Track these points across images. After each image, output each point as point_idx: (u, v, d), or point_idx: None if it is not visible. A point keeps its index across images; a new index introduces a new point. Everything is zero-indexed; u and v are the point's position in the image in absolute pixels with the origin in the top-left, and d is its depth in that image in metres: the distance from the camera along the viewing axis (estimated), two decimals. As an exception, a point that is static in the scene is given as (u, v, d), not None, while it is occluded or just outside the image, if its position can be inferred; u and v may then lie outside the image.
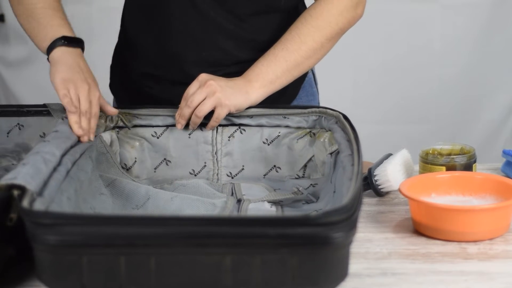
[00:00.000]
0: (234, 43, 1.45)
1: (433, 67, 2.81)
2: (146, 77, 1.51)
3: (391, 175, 1.30)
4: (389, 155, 1.35)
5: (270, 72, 1.38)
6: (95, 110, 1.29)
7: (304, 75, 1.58)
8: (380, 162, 1.34)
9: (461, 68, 2.81)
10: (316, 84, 1.64)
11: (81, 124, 1.26)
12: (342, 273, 0.97)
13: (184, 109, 1.34)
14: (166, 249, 0.92)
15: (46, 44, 1.37)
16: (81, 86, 1.29)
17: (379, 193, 1.32)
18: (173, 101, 1.39)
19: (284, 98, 1.51)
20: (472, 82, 2.84)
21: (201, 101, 1.33)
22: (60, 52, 1.36)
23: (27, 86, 2.88)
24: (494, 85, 2.86)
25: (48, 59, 1.36)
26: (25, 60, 2.86)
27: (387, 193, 1.34)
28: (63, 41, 1.37)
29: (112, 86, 1.64)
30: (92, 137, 1.28)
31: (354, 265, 1.04)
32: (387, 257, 1.11)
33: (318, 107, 1.37)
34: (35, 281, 0.99)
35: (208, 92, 1.32)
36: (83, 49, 1.44)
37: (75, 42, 1.41)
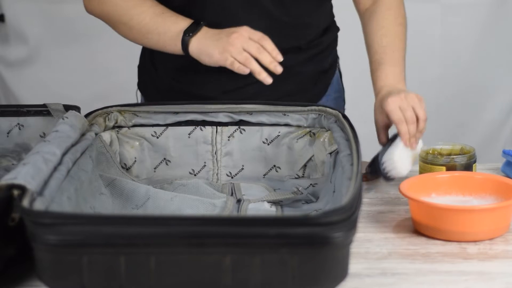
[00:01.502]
0: (279, 32, 1.45)
1: (433, 67, 2.81)
2: (180, 71, 1.51)
3: (399, 161, 1.29)
4: (395, 136, 1.34)
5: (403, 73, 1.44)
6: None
7: (333, 72, 1.62)
8: (388, 146, 1.33)
9: (461, 68, 2.81)
10: (342, 80, 1.65)
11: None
12: (342, 273, 0.97)
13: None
14: (166, 249, 0.92)
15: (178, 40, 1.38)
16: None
17: (387, 179, 1.32)
18: (205, 96, 1.46)
19: (315, 92, 1.56)
20: (472, 82, 2.84)
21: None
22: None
23: (27, 86, 2.88)
24: (494, 85, 2.85)
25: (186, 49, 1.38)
26: (25, 60, 2.86)
27: (394, 179, 1.33)
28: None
29: (141, 85, 1.65)
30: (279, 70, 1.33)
31: (354, 265, 1.04)
32: (387, 257, 1.11)
33: (318, 105, 1.37)
34: (35, 281, 0.99)
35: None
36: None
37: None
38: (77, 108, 1.35)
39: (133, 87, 2.11)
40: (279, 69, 1.33)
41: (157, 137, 1.39)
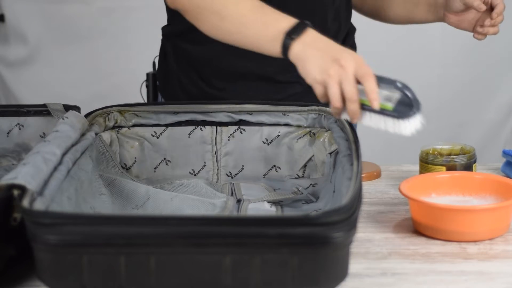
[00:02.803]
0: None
1: (433, 67, 2.81)
2: (216, 78, 1.50)
3: None
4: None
5: None
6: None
7: None
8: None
9: (461, 68, 2.81)
10: None
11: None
12: (342, 273, 0.97)
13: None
14: (166, 249, 0.92)
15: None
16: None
17: None
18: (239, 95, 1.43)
19: None
20: (472, 82, 2.84)
21: None
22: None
23: (27, 86, 2.88)
24: (494, 85, 2.85)
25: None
26: (25, 60, 2.86)
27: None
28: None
29: (165, 91, 1.62)
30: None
31: (354, 265, 1.04)
32: (387, 257, 1.11)
33: (318, 105, 1.37)
34: (35, 281, 0.99)
35: None
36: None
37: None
38: (77, 108, 1.35)
39: (133, 87, 2.10)
40: (358, 120, 1.17)
41: (157, 137, 1.39)
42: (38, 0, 2.78)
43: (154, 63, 1.88)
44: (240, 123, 1.39)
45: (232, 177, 1.40)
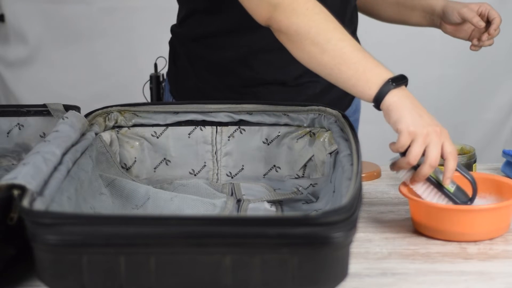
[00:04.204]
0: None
1: (433, 67, 2.81)
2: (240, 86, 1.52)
3: None
4: None
5: None
6: None
7: None
8: None
9: (461, 68, 2.81)
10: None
11: None
12: (342, 273, 0.97)
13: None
14: (166, 249, 0.92)
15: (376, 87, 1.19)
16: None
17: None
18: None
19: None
20: (472, 82, 2.84)
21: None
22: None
23: (27, 86, 2.88)
24: (494, 85, 2.86)
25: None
26: (25, 60, 2.86)
27: None
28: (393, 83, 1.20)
29: (178, 93, 1.62)
30: None
31: (354, 265, 1.04)
32: (387, 257, 1.11)
33: (318, 105, 1.37)
34: (35, 281, 1.00)
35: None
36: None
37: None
38: (77, 108, 1.35)
39: (133, 87, 2.11)
40: (413, 185, 1.20)
41: (157, 137, 1.39)
42: (38, 0, 2.78)
43: (155, 64, 1.88)
44: (240, 123, 1.39)
45: (232, 177, 1.40)
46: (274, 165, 1.40)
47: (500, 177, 1.27)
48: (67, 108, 1.37)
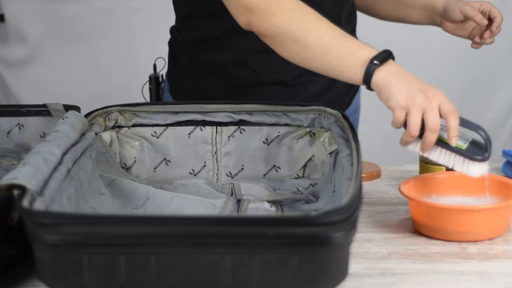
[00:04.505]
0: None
1: (433, 67, 2.81)
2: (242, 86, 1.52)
3: None
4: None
5: None
6: None
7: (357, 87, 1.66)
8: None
9: (462, 67, 2.81)
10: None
11: None
12: (342, 273, 0.97)
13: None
14: (166, 249, 0.92)
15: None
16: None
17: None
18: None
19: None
20: (472, 82, 2.84)
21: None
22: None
23: (27, 86, 2.88)
24: (494, 85, 2.85)
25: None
26: (25, 60, 2.86)
27: None
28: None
29: (177, 93, 1.63)
30: None
31: (354, 265, 1.04)
32: (387, 257, 1.11)
33: (318, 105, 1.37)
34: (35, 281, 0.99)
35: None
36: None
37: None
38: (77, 108, 1.35)
39: (133, 87, 2.10)
40: (427, 153, 1.19)
41: (157, 137, 1.39)
42: (38, 0, 2.78)
43: (155, 65, 1.88)
44: (240, 123, 1.39)
45: (232, 177, 1.40)
46: (274, 165, 1.40)
47: (500, 177, 1.27)
48: (67, 108, 1.37)
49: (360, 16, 1.72)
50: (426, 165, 1.39)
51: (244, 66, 1.51)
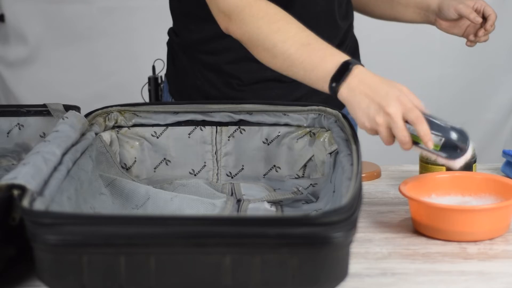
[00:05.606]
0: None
1: (433, 67, 2.81)
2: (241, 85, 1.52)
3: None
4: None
5: None
6: None
7: None
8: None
9: (461, 68, 2.81)
10: None
11: None
12: (342, 273, 0.97)
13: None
14: (166, 249, 0.92)
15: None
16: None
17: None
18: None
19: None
20: (472, 82, 2.84)
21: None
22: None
23: (27, 86, 2.88)
24: (494, 85, 2.86)
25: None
26: (25, 60, 2.86)
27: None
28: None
29: (177, 92, 1.62)
30: None
31: (354, 265, 1.04)
32: (387, 257, 1.11)
33: (318, 105, 1.37)
34: (35, 281, 1.00)
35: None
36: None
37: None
38: (77, 108, 1.35)
39: (133, 87, 2.10)
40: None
41: (157, 137, 1.39)
42: (38, 0, 2.78)
43: (153, 66, 1.88)
44: (240, 123, 1.39)
45: (232, 177, 1.40)
46: (274, 165, 1.40)
47: (500, 177, 1.27)
48: (67, 108, 1.37)
49: (361, 17, 1.72)
50: (426, 165, 1.39)
51: (241, 65, 1.51)
